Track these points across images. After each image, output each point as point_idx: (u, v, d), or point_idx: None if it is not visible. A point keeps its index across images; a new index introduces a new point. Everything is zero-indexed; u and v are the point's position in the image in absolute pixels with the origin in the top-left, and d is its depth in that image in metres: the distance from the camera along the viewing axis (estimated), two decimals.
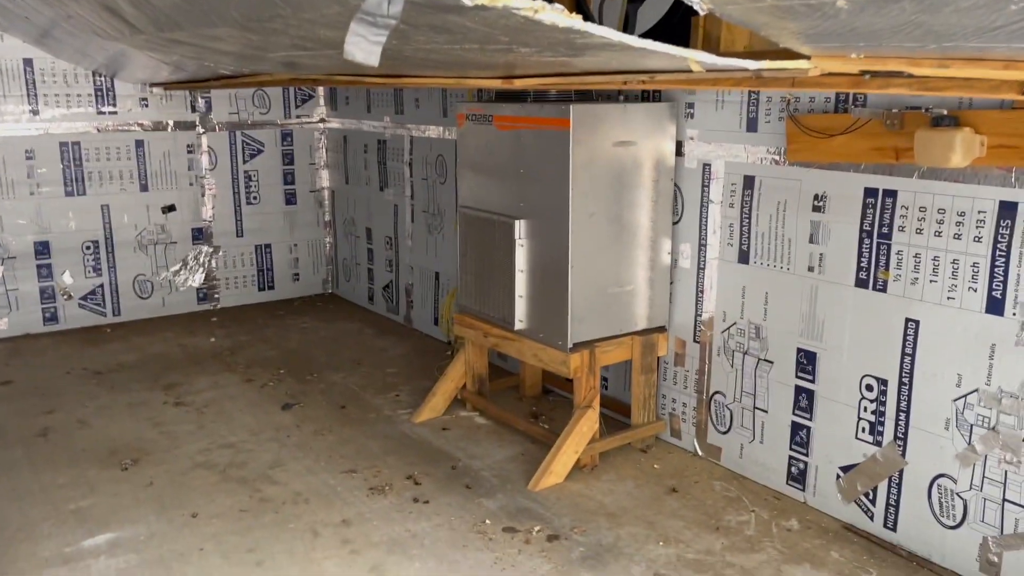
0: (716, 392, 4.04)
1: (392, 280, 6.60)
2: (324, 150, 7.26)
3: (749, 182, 3.76)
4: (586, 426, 3.96)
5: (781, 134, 3.56)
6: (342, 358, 5.75)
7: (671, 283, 4.18)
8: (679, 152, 4.05)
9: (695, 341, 4.12)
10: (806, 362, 3.61)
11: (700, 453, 4.16)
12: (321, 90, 7.15)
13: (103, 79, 6.25)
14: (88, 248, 6.38)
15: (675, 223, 4.13)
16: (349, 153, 6.95)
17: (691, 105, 3.98)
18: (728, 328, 3.94)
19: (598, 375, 4.02)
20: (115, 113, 6.35)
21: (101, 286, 6.47)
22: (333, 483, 3.92)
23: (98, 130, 6.29)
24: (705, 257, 4.01)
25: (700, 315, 4.08)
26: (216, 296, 6.96)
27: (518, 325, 4.17)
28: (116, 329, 6.40)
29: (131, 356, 5.77)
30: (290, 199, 7.21)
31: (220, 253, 6.91)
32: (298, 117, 7.12)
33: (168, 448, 4.30)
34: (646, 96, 4.18)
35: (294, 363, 5.63)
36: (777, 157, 3.61)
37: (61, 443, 4.37)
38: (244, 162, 6.93)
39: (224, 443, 4.36)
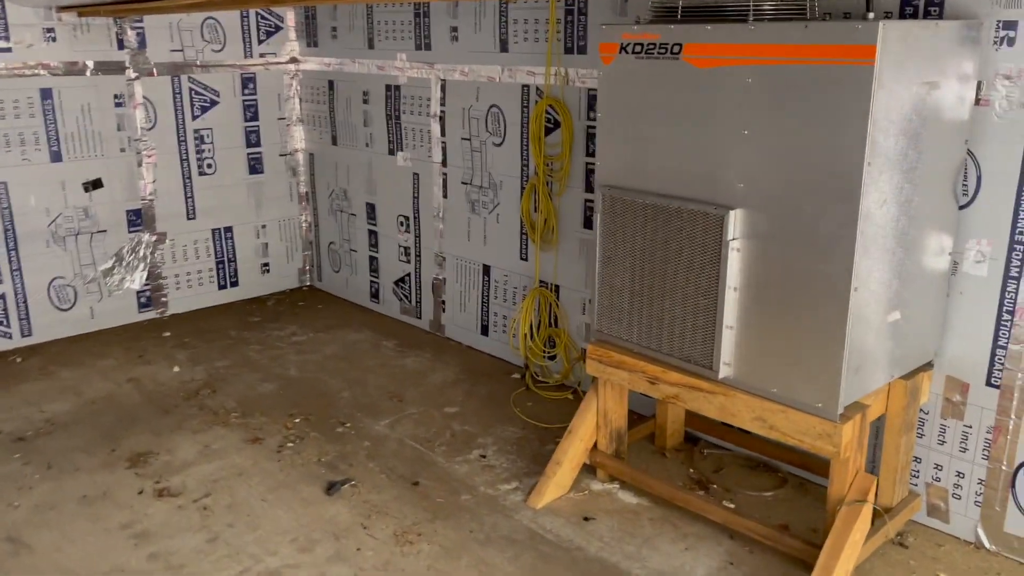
0: None
1: (410, 273, 4.98)
2: (298, 100, 5.50)
3: None
4: (859, 532, 2.56)
5: None
6: (371, 391, 4.14)
7: (946, 296, 2.81)
8: (977, 99, 2.64)
9: (990, 385, 2.76)
10: None
11: (989, 546, 2.84)
12: (291, 18, 5.36)
13: None
14: None
15: (960, 208, 2.74)
16: (338, 104, 5.22)
17: (1009, 25, 2.55)
18: None
19: (866, 449, 2.62)
20: (8, 51, 4.42)
21: (2, 297, 4.61)
22: None
23: None
24: (1022, 261, 2.64)
25: (1002, 347, 2.72)
26: (163, 300, 5.17)
27: (723, 371, 2.71)
28: (29, 357, 4.56)
29: (63, 404, 4.00)
30: (255, 166, 5.43)
31: (166, 242, 5.11)
32: (262, 56, 5.32)
33: None
34: (907, 11, 2.73)
35: (307, 403, 4.00)
36: None
37: None
38: (193, 118, 5.10)
39: (264, 570, 2.76)
